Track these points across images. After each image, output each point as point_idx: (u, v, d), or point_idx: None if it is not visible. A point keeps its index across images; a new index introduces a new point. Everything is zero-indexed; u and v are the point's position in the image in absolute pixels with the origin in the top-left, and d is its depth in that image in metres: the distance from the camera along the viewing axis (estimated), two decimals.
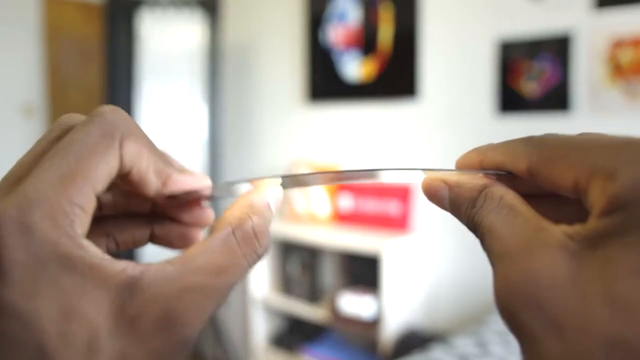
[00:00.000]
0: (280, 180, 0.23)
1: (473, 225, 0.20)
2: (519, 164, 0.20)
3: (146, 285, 0.17)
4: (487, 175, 0.21)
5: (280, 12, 2.27)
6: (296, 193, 2.04)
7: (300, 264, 1.99)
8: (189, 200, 0.23)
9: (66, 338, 0.15)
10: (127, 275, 0.17)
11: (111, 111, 0.19)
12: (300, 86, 2.21)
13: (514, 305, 0.17)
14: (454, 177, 0.22)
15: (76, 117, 0.20)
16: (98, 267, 0.16)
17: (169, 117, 2.12)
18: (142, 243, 0.24)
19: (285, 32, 2.25)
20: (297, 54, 2.21)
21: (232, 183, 0.23)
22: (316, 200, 2.00)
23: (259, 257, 0.20)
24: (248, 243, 0.20)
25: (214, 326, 2.43)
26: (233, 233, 0.20)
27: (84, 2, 2.58)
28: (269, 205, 0.22)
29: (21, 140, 2.43)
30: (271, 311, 2.16)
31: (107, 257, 0.17)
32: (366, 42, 1.96)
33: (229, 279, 0.19)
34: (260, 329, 2.13)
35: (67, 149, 0.17)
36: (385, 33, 1.90)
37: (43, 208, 0.16)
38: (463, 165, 0.22)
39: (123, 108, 0.20)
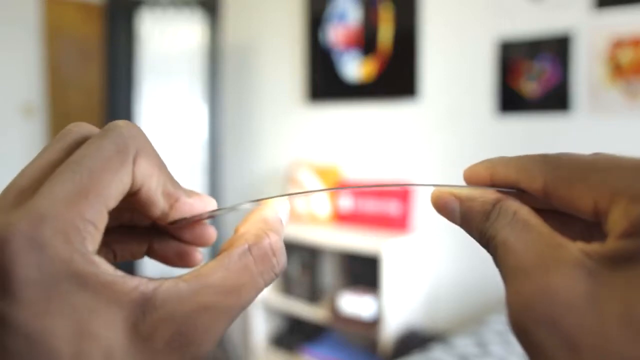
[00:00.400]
0: (286, 198, 0.22)
1: (485, 240, 0.20)
2: (534, 183, 0.19)
3: (159, 303, 0.16)
4: (498, 192, 0.21)
5: (280, 12, 2.27)
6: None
7: (300, 264, 1.99)
8: (191, 222, 0.23)
9: (80, 357, 0.15)
10: (140, 293, 0.16)
11: (126, 126, 0.19)
12: (300, 86, 2.21)
13: (528, 321, 0.16)
14: (465, 191, 0.21)
15: (87, 128, 0.20)
16: (111, 285, 0.16)
17: (169, 117, 2.12)
18: (139, 256, 0.24)
19: (285, 32, 2.25)
20: (297, 54, 2.21)
21: (238, 205, 0.23)
22: (316, 200, 2.00)
23: (276, 275, 0.20)
24: (265, 261, 0.19)
25: None
26: (249, 250, 0.19)
27: (84, 2, 2.58)
28: (281, 221, 0.21)
29: (21, 140, 2.43)
30: (271, 311, 2.16)
31: (120, 273, 0.17)
32: (366, 42, 1.96)
33: (243, 298, 0.18)
34: (260, 329, 2.13)
35: (80, 163, 0.17)
36: (385, 33, 1.90)
37: (55, 224, 0.16)
38: (472, 177, 0.22)
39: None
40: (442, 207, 0.22)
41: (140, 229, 0.24)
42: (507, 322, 0.17)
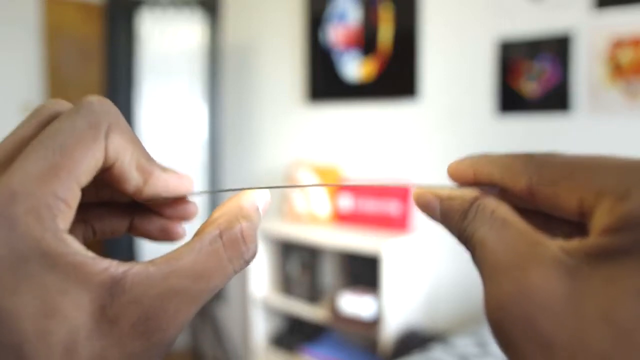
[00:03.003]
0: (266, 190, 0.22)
1: (464, 238, 0.20)
2: (518, 182, 0.19)
3: (128, 287, 0.16)
4: (480, 190, 0.21)
5: (280, 12, 2.27)
6: (296, 193, 2.04)
7: (300, 264, 1.99)
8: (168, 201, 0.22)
9: (44, 337, 0.15)
10: (109, 275, 0.16)
11: (98, 101, 0.19)
12: (300, 86, 2.21)
13: (504, 320, 0.16)
14: (447, 190, 0.21)
15: (62, 104, 0.20)
16: (81, 266, 0.16)
17: (169, 117, 2.12)
18: (120, 233, 0.23)
19: (285, 32, 2.25)
20: (297, 54, 2.21)
21: (217, 190, 0.23)
22: (316, 200, 2.00)
23: (246, 262, 0.19)
24: (235, 247, 0.19)
25: (214, 326, 2.43)
26: (220, 236, 0.19)
27: (84, 2, 2.58)
28: (258, 209, 0.21)
29: None
30: (271, 311, 2.16)
31: (90, 254, 0.17)
32: (366, 42, 1.96)
33: (212, 283, 0.18)
34: (260, 329, 2.13)
35: (53, 139, 0.17)
36: (385, 33, 1.90)
37: (27, 202, 0.15)
38: (455, 174, 0.22)
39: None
40: (424, 205, 0.22)
41: (121, 205, 0.23)
42: (486, 320, 0.17)
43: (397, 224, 1.82)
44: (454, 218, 0.20)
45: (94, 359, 0.16)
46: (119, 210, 0.23)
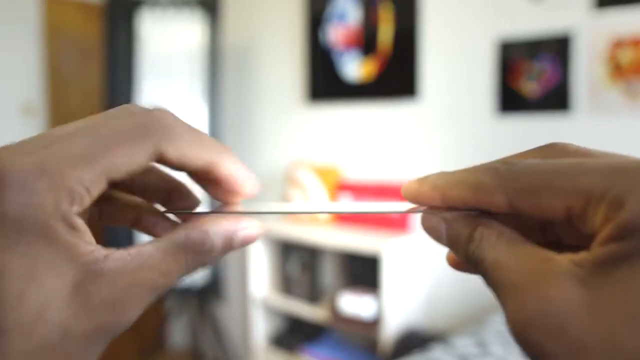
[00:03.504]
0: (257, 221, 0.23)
1: (472, 262, 0.20)
2: (496, 200, 0.19)
3: (106, 270, 0.18)
4: (466, 213, 0.21)
5: (280, 12, 2.27)
6: (296, 193, 2.04)
7: (300, 264, 1.99)
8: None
9: (20, 298, 0.16)
10: (93, 257, 0.18)
11: (160, 113, 0.20)
12: (300, 86, 2.21)
13: (533, 336, 0.17)
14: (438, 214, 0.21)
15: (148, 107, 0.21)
16: (74, 247, 0.17)
17: None
18: (123, 223, 0.25)
19: (285, 32, 2.25)
20: (297, 54, 2.21)
21: (244, 212, 0.24)
22: (316, 200, 2.00)
23: (203, 267, 0.21)
24: (197, 255, 0.21)
25: (214, 326, 2.43)
26: (185, 241, 0.20)
27: (84, 2, 2.58)
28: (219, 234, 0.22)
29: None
30: (271, 311, 2.16)
31: (86, 238, 0.18)
32: (366, 42, 1.96)
33: (172, 281, 0.20)
34: (260, 329, 2.13)
35: (100, 130, 0.18)
36: (385, 33, 1.90)
37: (52, 180, 0.17)
38: (415, 196, 0.21)
39: None
40: (430, 229, 0.22)
41: (133, 197, 0.25)
42: (513, 339, 0.18)
43: (397, 224, 1.82)
44: (460, 242, 0.21)
45: (60, 326, 0.17)
46: (130, 201, 0.25)
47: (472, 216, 0.20)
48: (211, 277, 2.18)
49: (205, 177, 0.21)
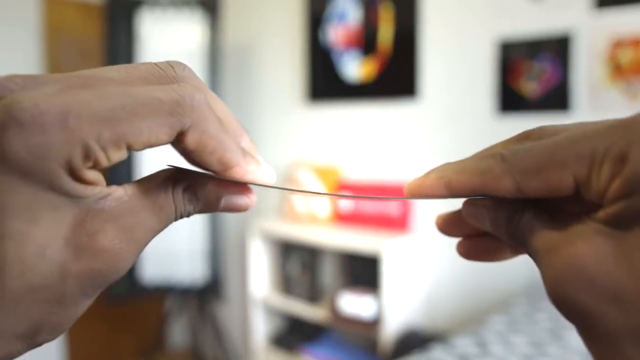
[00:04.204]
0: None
1: (516, 238, 0.21)
2: (503, 185, 0.20)
3: (108, 207, 0.18)
4: (470, 200, 0.21)
5: (280, 12, 2.27)
6: (297, 194, 2.04)
7: (300, 264, 1.99)
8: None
9: (22, 236, 0.16)
10: (95, 197, 0.18)
11: (193, 93, 0.19)
12: (300, 86, 2.21)
13: (567, 289, 0.17)
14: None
15: (182, 71, 0.21)
16: (76, 190, 0.17)
17: None
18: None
19: (285, 32, 2.25)
20: (297, 54, 2.21)
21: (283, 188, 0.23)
22: (316, 200, 2.00)
23: (188, 215, 0.22)
24: (184, 199, 0.21)
25: (214, 326, 2.43)
26: (173, 184, 0.21)
27: (84, 2, 2.58)
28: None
29: None
30: (271, 311, 2.16)
31: (90, 186, 0.18)
32: (366, 42, 1.96)
33: (164, 225, 0.20)
34: (260, 329, 2.13)
35: (132, 97, 0.18)
36: (385, 33, 1.90)
37: (70, 131, 0.16)
38: (423, 190, 0.22)
39: None
40: (473, 216, 0.23)
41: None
42: (549, 299, 0.18)
43: (397, 224, 1.82)
44: (502, 225, 0.22)
45: (59, 265, 0.17)
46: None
47: (509, 201, 0.21)
48: (211, 277, 2.18)
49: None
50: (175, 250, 2.14)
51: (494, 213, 0.22)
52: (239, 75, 2.44)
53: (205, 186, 0.22)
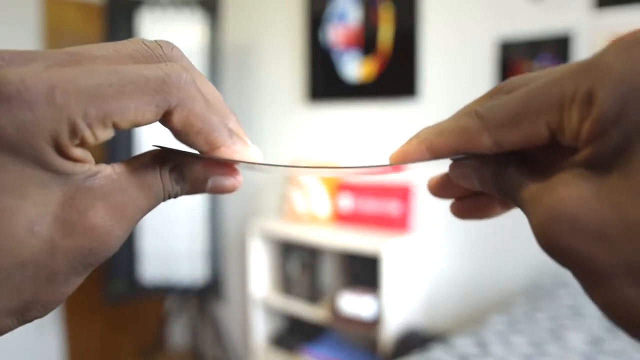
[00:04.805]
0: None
1: (505, 192, 0.21)
2: (482, 141, 0.20)
3: (97, 184, 0.18)
4: (453, 160, 0.22)
5: (280, 12, 2.27)
6: (296, 193, 2.04)
7: (300, 264, 1.99)
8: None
9: (12, 211, 0.16)
10: (84, 174, 0.18)
11: (179, 74, 0.19)
12: (300, 86, 2.21)
13: (553, 234, 0.17)
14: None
15: (170, 51, 0.21)
16: (64, 168, 0.17)
17: None
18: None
19: (285, 32, 2.25)
20: (297, 54, 2.21)
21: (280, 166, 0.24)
22: (316, 200, 2.00)
23: (176, 196, 0.22)
24: (172, 181, 0.21)
25: (214, 326, 2.43)
26: (160, 167, 0.21)
27: (84, 2, 2.58)
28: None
29: None
30: (271, 311, 2.16)
31: (79, 163, 0.18)
32: (366, 42, 1.96)
33: (152, 205, 0.20)
34: (260, 329, 2.13)
35: (120, 75, 0.17)
36: (385, 33, 1.90)
37: (57, 108, 0.16)
38: (405, 157, 0.23)
39: None
40: (460, 176, 0.23)
41: None
42: (541, 248, 0.19)
43: (397, 224, 1.82)
44: (489, 182, 0.22)
45: (48, 242, 0.17)
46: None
47: (492, 157, 0.21)
48: (211, 277, 2.18)
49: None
50: (175, 250, 2.14)
51: (480, 171, 0.22)
52: (239, 75, 2.44)
53: (192, 167, 0.22)
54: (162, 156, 0.21)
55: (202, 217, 2.16)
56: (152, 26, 2.10)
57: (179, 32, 2.13)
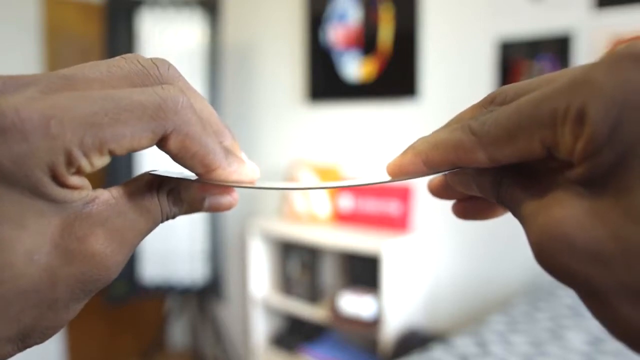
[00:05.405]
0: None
1: (502, 202, 0.21)
2: (477, 157, 0.20)
3: (95, 210, 0.18)
4: (447, 174, 0.22)
5: (280, 12, 2.27)
6: (296, 193, 2.04)
7: (300, 264, 1.99)
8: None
9: (12, 241, 0.16)
10: (82, 201, 0.18)
11: (175, 99, 0.19)
12: (300, 86, 2.21)
13: (549, 254, 0.17)
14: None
15: (167, 70, 0.21)
16: (62, 196, 0.17)
17: None
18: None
19: (285, 32, 2.25)
20: (297, 54, 2.21)
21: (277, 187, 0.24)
22: (316, 200, 2.00)
23: (173, 217, 0.22)
24: (169, 203, 0.22)
25: (214, 326, 2.43)
26: (158, 190, 0.21)
27: (84, 2, 2.58)
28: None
29: None
30: (271, 311, 2.16)
31: (76, 191, 0.18)
32: (366, 42, 1.96)
33: (150, 228, 0.21)
34: (260, 329, 2.13)
35: (115, 101, 0.17)
36: (385, 33, 1.90)
37: (53, 138, 0.16)
38: (402, 168, 0.23)
39: None
40: (459, 183, 0.23)
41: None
42: (539, 265, 0.19)
43: (397, 224, 1.82)
44: (488, 189, 0.22)
45: (48, 270, 0.17)
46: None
47: (494, 168, 0.21)
48: (211, 277, 2.18)
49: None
50: (175, 250, 2.14)
51: (478, 179, 0.22)
52: (239, 75, 2.44)
53: (189, 188, 0.22)
54: (158, 179, 0.21)
55: (202, 217, 2.16)
56: (152, 26, 2.10)
57: (178, 32, 2.13)
